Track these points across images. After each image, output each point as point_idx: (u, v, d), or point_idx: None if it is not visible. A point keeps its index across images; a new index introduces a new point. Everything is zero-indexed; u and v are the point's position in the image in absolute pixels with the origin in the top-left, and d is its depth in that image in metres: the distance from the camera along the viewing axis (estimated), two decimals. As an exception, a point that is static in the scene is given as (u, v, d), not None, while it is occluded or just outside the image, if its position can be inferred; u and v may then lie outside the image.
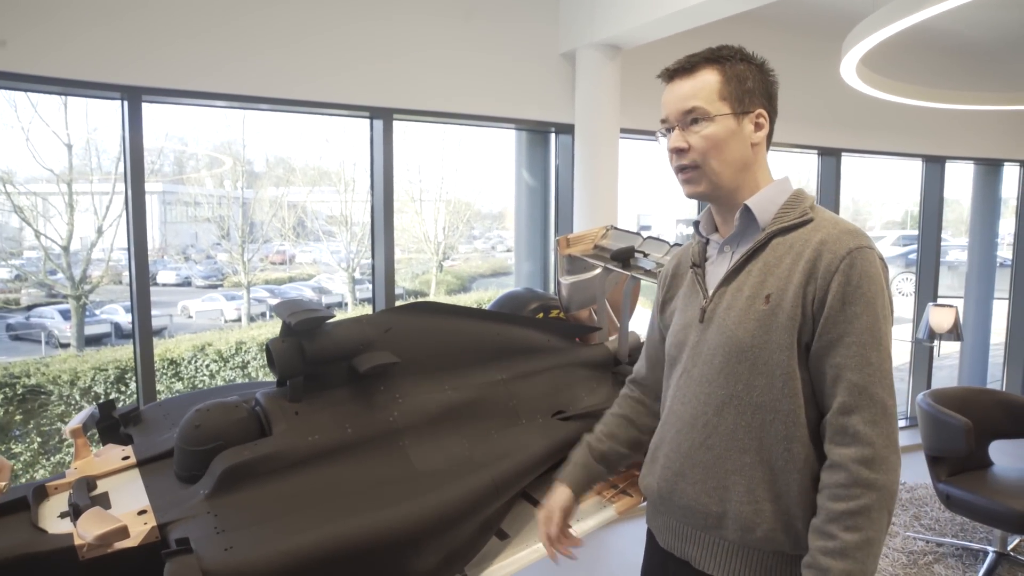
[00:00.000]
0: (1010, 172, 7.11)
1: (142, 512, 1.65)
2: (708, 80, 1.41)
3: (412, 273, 12.45)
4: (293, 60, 3.59)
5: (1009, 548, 4.07)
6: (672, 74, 1.46)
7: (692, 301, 1.52)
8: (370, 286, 12.53)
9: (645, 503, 1.66)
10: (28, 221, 8.48)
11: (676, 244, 2.69)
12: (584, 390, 2.42)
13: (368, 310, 8.23)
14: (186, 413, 2.01)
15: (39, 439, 5.65)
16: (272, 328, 7.18)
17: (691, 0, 3.51)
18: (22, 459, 5.54)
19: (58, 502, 1.74)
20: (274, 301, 11.35)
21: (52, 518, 1.68)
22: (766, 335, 1.34)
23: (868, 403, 1.28)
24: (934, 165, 6.45)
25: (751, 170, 1.44)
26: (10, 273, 10.24)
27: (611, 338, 2.78)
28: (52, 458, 5.70)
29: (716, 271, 1.49)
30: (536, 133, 4.69)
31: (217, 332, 7.32)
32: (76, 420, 1.98)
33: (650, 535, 1.64)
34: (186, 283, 11.48)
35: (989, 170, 7.05)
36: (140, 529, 1.57)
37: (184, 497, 1.71)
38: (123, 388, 5.98)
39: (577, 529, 2.00)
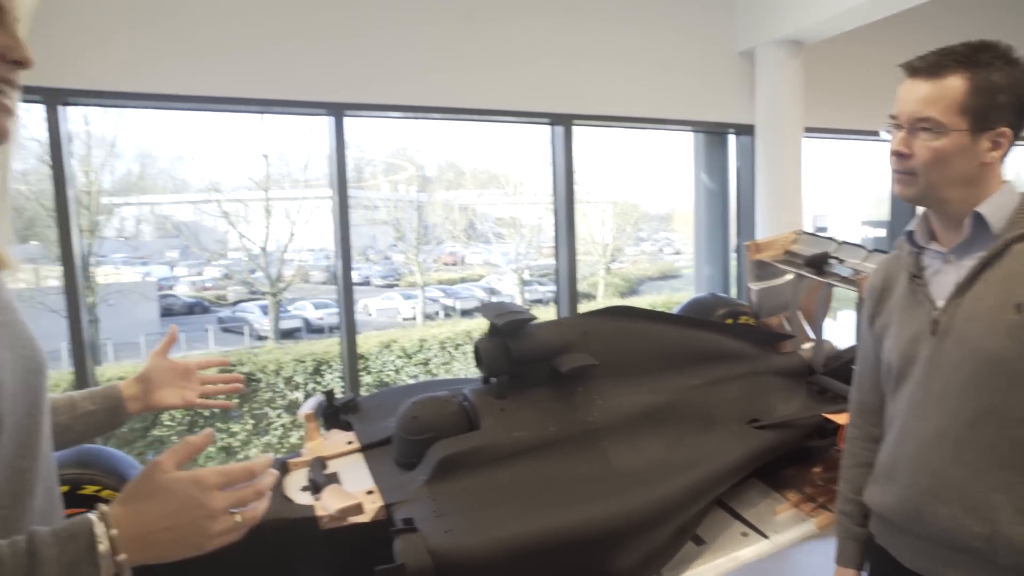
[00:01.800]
0: None
1: (370, 492, 1.83)
2: (952, 88, 1.28)
3: (580, 275, 12.52)
4: (477, 72, 3.77)
5: None
6: (915, 71, 1.33)
7: (915, 313, 1.44)
8: (538, 287, 12.68)
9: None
10: (233, 225, 9.44)
11: (875, 249, 2.57)
12: (779, 399, 2.37)
13: (543, 311, 8.40)
14: (398, 405, 2.19)
15: (252, 421, 6.29)
16: (451, 327, 7.53)
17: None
18: (238, 438, 6.20)
19: (297, 477, 1.96)
20: (447, 301, 11.88)
21: (295, 490, 1.89)
22: (1022, 346, 1.24)
23: None
24: None
25: (977, 184, 1.33)
26: (219, 272, 11.43)
27: (804, 346, 2.70)
28: (262, 438, 6.33)
29: (943, 281, 1.40)
30: (714, 135, 4.62)
31: (401, 330, 7.79)
32: (307, 406, 2.21)
33: (882, 553, 1.55)
34: (366, 282, 12.27)
35: None
36: (371, 507, 1.74)
37: (404, 482, 1.86)
38: (319, 378, 6.51)
39: (774, 541, 1.97)
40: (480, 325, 7.59)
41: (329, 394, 2.31)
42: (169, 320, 10.95)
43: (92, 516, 0.76)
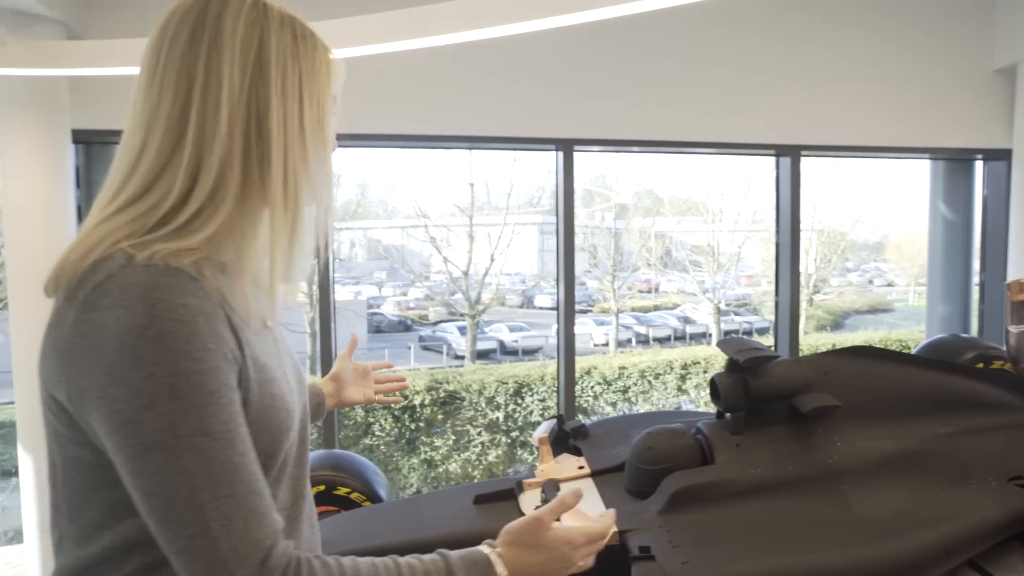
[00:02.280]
0: None
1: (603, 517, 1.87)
2: None
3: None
4: (701, 105, 3.75)
5: None
6: None
7: None
8: (735, 317, 12.24)
9: None
10: (438, 249, 10.01)
11: None
12: (1049, 456, 2.13)
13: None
14: (626, 433, 2.22)
15: (454, 436, 6.60)
16: (651, 356, 7.47)
17: None
18: (440, 452, 6.53)
19: (531, 496, 2.04)
20: (640, 328, 11.80)
21: (529, 508, 1.97)
22: None
23: None
24: None
25: None
26: (422, 293, 12.16)
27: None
28: (462, 454, 6.62)
29: None
30: (958, 162, 4.25)
31: (600, 356, 7.85)
32: (542, 430, 2.30)
33: None
34: (574, 308, 12.43)
35: None
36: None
37: (637, 510, 1.89)
38: (520, 400, 6.70)
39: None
40: (681, 356, 7.47)
41: (559, 419, 2.39)
42: (376, 337, 11.78)
43: (489, 552, 0.92)
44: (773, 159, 4.03)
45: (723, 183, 11.94)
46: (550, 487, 2.02)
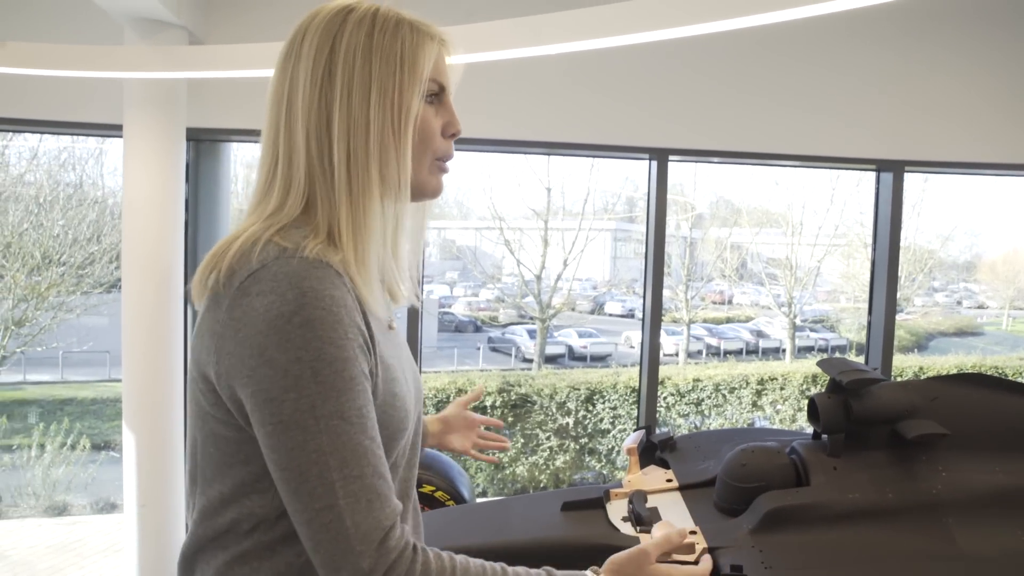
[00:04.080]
0: None
1: (692, 532, 1.86)
2: None
3: (858, 324, 11.64)
4: (796, 117, 3.68)
5: None
6: None
7: None
8: (811, 333, 11.90)
9: None
10: (512, 251, 10.07)
11: None
12: None
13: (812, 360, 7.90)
14: (715, 448, 2.20)
15: (522, 440, 6.63)
16: (727, 370, 7.34)
17: None
18: (508, 455, 6.57)
19: (618, 506, 2.05)
20: (711, 340, 11.61)
21: (617, 518, 1.98)
22: None
23: None
24: None
25: None
26: (493, 295, 12.25)
27: None
28: (530, 458, 6.64)
29: None
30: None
31: (673, 367, 7.76)
32: (631, 440, 2.30)
33: None
34: (630, 315, 12.38)
35: None
36: (697, 548, 1.77)
37: (728, 528, 1.87)
38: (590, 407, 6.69)
39: None
40: (758, 371, 7.32)
41: (648, 429, 2.39)
42: (446, 335, 11.92)
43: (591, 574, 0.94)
44: (870, 174, 3.93)
45: (805, 195, 11.65)
46: (638, 498, 2.03)
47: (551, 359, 10.70)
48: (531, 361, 10.31)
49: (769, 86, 3.67)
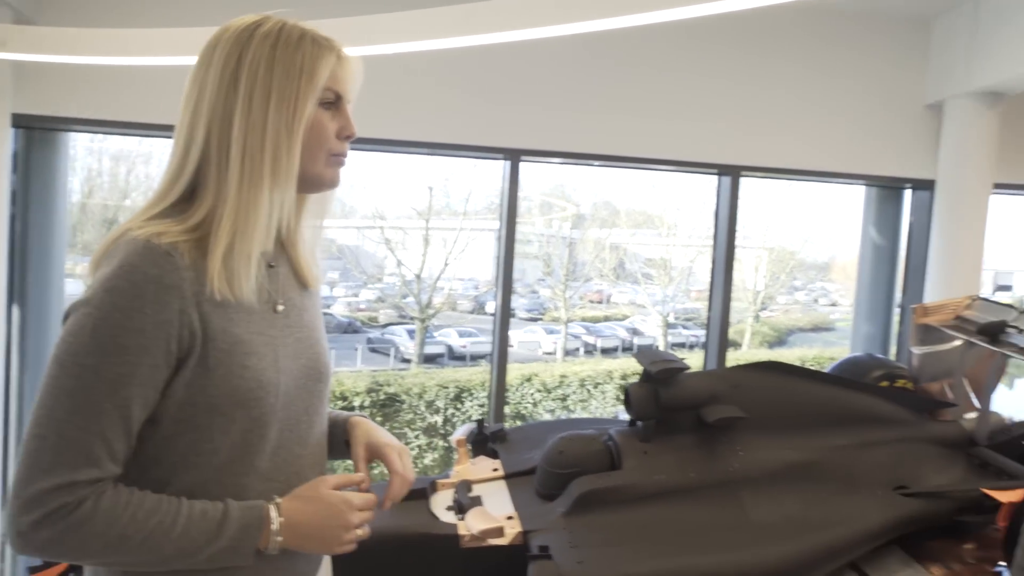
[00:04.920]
0: None
1: (510, 518, 1.91)
2: None
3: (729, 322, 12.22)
4: (647, 122, 3.86)
5: None
6: None
7: None
8: (683, 330, 12.41)
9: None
10: (392, 251, 9.98)
11: (1065, 321, 2.39)
12: (931, 468, 2.27)
13: (686, 355, 8.29)
14: (544, 438, 2.27)
15: (392, 441, 6.59)
16: (592, 366, 7.56)
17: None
18: (375, 452, 6.51)
19: (444, 497, 2.08)
20: (589, 338, 11.90)
21: (440, 508, 2.01)
22: None
23: None
24: None
25: None
26: (374, 295, 12.09)
27: (967, 416, 2.54)
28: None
29: None
30: (888, 189, 4.42)
31: (543, 364, 7.91)
32: (460, 432, 2.34)
33: None
34: (511, 314, 12.48)
35: None
36: (510, 532, 1.83)
37: (544, 511, 1.94)
38: (459, 405, 6.74)
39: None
40: (622, 366, 7.56)
41: (480, 422, 2.43)
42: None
43: (266, 503, 1.04)
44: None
45: (679, 199, 12.14)
46: (462, 488, 2.06)
47: (430, 359, 10.64)
48: (410, 361, 10.26)
49: (620, 91, 3.82)
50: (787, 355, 8.99)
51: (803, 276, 13.82)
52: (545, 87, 3.69)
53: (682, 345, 11.81)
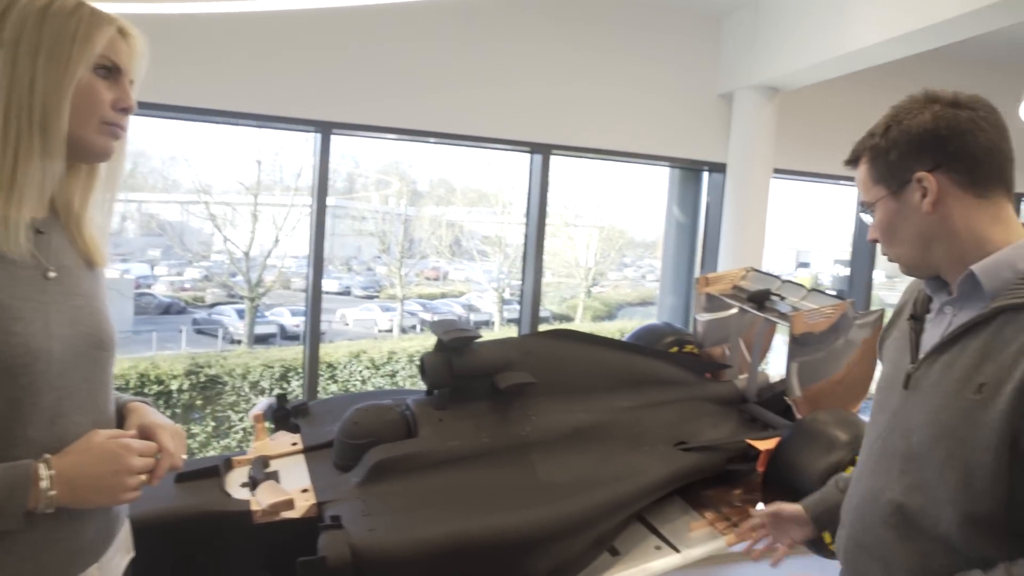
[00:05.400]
0: None
1: (305, 491, 1.92)
2: (863, 169, 1.33)
3: (560, 297, 12.68)
4: (463, 98, 3.90)
5: None
6: (849, 165, 1.39)
7: (901, 359, 1.35)
8: (518, 306, 12.78)
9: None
10: (219, 228, 9.49)
11: (814, 289, 2.70)
12: (708, 424, 2.49)
13: (514, 330, 8.49)
14: (346, 411, 2.28)
15: (213, 423, 6.32)
16: (421, 342, 7.60)
17: (851, 45, 3.49)
18: (198, 439, 6.22)
19: (240, 474, 2.04)
20: (426, 315, 11.93)
21: (235, 486, 1.98)
22: (970, 430, 1.14)
23: None
24: None
25: (949, 238, 1.24)
26: (200, 273, 11.44)
27: (741, 376, 2.82)
28: (222, 441, 6.35)
29: (933, 333, 1.31)
30: (689, 171, 4.77)
31: (371, 341, 7.84)
32: (258, 408, 2.29)
33: None
34: (346, 292, 12.29)
35: None
36: (303, 504, 1.83)
37: (339, 482, 1.95)
38: (285, 385, 6.56)
39: (684, 556, 2.08)
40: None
41: (281, 397, 2.39)
42: (145, 318, 10.94)
43: (38, 462, 1.02)
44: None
45: (514, 177, 12.38)
46: (257, 464, 2.04)
47: (262, 339, 10.26)
48: (240, 342, 9.83)
49: (434, 67, 3.83)
50: (610, 327, 9.45)
51: (632, 253, 14.57)
52: (357, 60, 3.64)
53: (517, 321, 12.12)
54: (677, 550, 2.11)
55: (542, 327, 4.98)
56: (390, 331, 11.14)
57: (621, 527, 2.12)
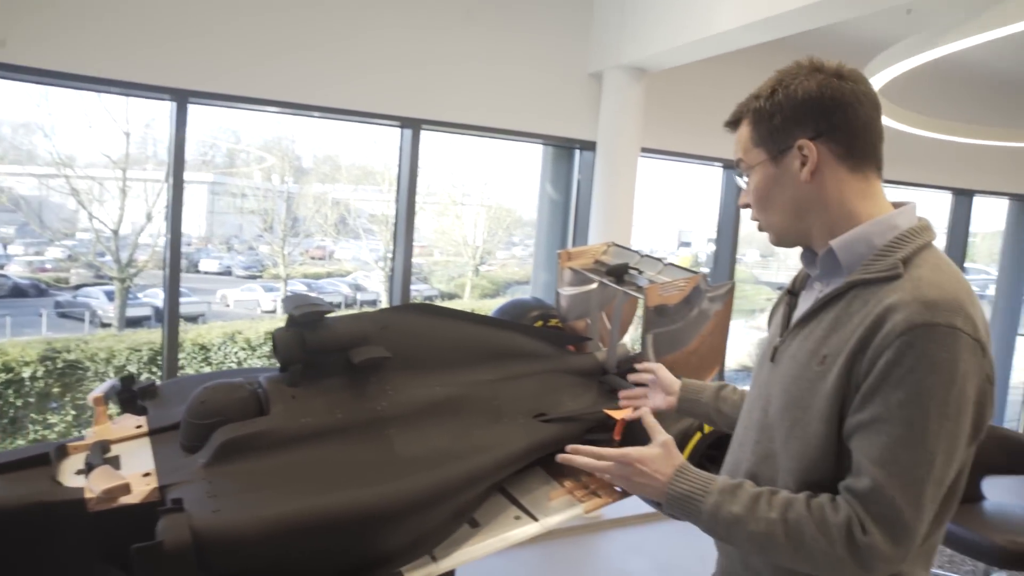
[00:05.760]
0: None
1: (146, 474, 1.84)
2: (744, 130, 1.31)
3: (448, 276, 12.66)
4: (330, 69, 3.79)
5: (992, 583, 4.08)
6: (729, 125, 1.36)
7: (775, 333, 1.38)
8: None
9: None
10: (83, 204, 8.88)
11: (669, 263, 2.81)
12: (568, 396, 2.54)
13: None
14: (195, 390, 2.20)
15: (73, 412, 5.95)
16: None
17: (714, 29, 3.63)
18: (56, 430, 5.85)
19: (77, 461, 1.93)
20: (312, 295, 11.59)
21: (69, 474, 1.87)
22: (811, 399, 1.18)
23: (881, 508, 1.10)
24: (962, 199, 6.44)
25: (820, 209, 1.25)
26: (63, 253, 10.69)
27: (602, 348, 2.90)
28: (84, 430, 5.99)
29: (802, 307, 1.34)
30: (561, 148, 4.84)
31: (248, 321, 7.58)
32: (99, 390, 2.17)
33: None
34: (227, 272, 11.83)
35: (1022, 206, 6.98)
36: (142, 488, 1.75)
37: (185, 464, 1.88)
38: (154, 368, 6.27)
39: (543, 524, 2.12)
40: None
41: (127, 379, 2.27)
42: (-2, 302, 10.18)
43: None
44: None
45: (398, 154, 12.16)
46: (95, 449, 1.94)
47: (135, 322, 9.72)
48: (110, 325, 9.27)
49: (299, 35, 3.71)
50: (493, 304, 9.55)
51: (520, 232, 14.71)
52: (215, 24, 3.46)
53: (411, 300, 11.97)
54: (536, 519, 2.14)
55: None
56: (274, 312, 10.83)
57: (481, 499, 2.13)
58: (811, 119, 1.22)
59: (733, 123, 1.34)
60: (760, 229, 1.34)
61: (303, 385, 2.08)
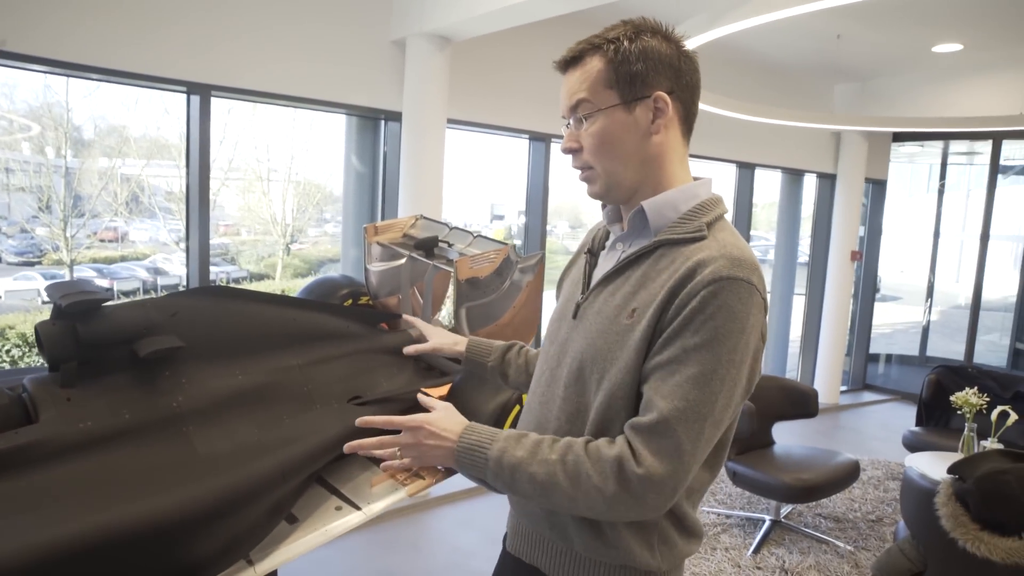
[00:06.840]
0: (810, 181, 7.90)
1: None
2: (594, 68, 1.25)
3: (257, 256, 12.04)
4: (103, 25, 3.38)
5: (782, 516, 4.58)
6: (563, 64, 1.30)
7: (574, 292, 1.41)
8: (212, 267, 12.01)
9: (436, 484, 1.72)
10: None
11: (479, 235, 2.82)
12: (383, 376, 2.47)
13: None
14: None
15: None
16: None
17: (513, -2, 3.66)
18: None
19: None
20: (103, 281, 10.60)
21: None
22: (619, 351, 1.21)
23: (663, 440, 1.14)
24: (746, 171, 7.05)
25: (655, 165, 1.28)
26: None
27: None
28: None
29: (604, 266, 1.36)
30: (366, 119, 4.70)
31: (22, 315, 6.77)
32: None
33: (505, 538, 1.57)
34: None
35: (794, 179, 7.77)
36: None
37: None
38: (-93, 374, 5.44)
39: (366, 512, 2.06)
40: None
41: None
42: None
43: None
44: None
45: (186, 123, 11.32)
46: None
47: None
48: None
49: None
50: (302, 284, 9.21)
51: (332, 208, 14.27)
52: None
53: (212, 282, 11.27)
54: (359, 508, 2.06)
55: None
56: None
57: (298, 492, 2.01)
58: (669, 74, 1.25)
59: (573, 60, 1.29)
60: (584, 178, 1.32)
61: (80, 386, 1.85)
